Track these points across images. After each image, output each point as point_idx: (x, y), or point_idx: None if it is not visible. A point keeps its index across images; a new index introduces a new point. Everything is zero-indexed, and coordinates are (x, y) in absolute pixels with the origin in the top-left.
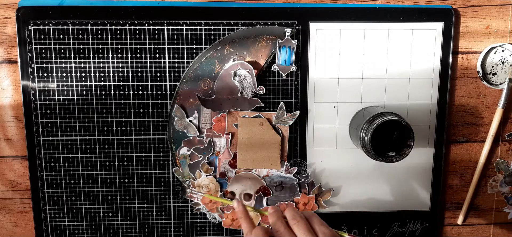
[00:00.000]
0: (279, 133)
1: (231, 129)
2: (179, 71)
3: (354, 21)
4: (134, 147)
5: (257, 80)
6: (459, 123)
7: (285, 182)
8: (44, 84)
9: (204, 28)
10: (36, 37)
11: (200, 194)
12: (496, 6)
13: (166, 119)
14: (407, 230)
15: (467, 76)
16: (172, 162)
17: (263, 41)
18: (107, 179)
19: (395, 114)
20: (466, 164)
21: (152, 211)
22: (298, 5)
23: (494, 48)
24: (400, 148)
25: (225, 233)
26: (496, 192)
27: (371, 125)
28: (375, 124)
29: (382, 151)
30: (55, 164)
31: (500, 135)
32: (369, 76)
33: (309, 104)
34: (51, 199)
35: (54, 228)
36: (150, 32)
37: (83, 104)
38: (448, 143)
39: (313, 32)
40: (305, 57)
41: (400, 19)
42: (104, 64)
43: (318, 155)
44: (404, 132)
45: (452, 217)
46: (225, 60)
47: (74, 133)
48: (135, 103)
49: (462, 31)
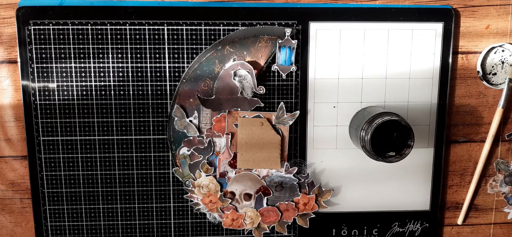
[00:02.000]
0: (279, 133)
1: (231, 129)
2: (179, 71)
3: (354, 21)
4: (134, 147)
5: (257, 80)
6: (459, 123)
7: (285, 182)
8: (44, 84)
9: (204, 28)
10: (36, 37)
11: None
12: (496, 6)
13: (166, 119)
14: (407, 230)
15: (467, 76)
16: (172, 162)
17: (263, 41)
18: (107, 179)
19: (395, 114)
20: (466, 164)
21: (152, 211)
22: (298, 5)
23: (494, 48)
24: (400, 148)
25: (225, 233)
26: (496, 192)
27: (371, 125)
28: (375, 124)
29: (382, 151)
30: (55, 164)
31: (500, 135)
32: (369, 76)
33: (309, 104)
34: (51, 199)
35: (54, 228)
36: (150, 32)
37: (83, 104)
38: (448, 143)
39: (313, 32)
40: (305, 57)
41: (400, 19)
42: (104, 64)
43: (318, 155)
44: (404, 132)
45: (452, 217)
46: (225, 60)
47: (74, 133)
48: (135, 103)
49: (462, 31)
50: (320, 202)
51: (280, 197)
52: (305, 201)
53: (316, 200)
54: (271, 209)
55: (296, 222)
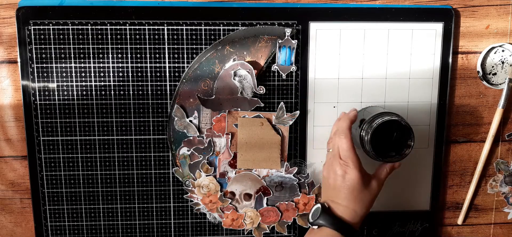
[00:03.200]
0: (279, 133)
1: (231, 129)
2: (179, 71)
3: (354, 21)
4: (134, 147)
5: (257, 80)
6: (459, 123)
7: (285, 182)
8: (44, 84)
9: (204, 28)
10: (36, 37)
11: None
12: (496, 6)
13: (166, 119)
14: (407, 230)
15: (467, 76)
16: (172, 162)
17: (263, 41)
18: (107, 179)
19: (395, 114)
20: (466, 164)
21: (152, 211)
22: (298, 5)
23: (494, 48)
24: (400, 148)
25: (225, 233)
26: (496, 192)
27: (371, 125)
28: (375, 124)
29: (382, 151)
30: (55, 164)
31: (500, 135)
32: (369, 76)
33: (309, 104)
34: (51, 199)
35: (54, 228)
36: (150, 32)
37: (83, 104)
38: (448, 143)
39: (313, 32)
40: (305, 57)
41: (400, 19)
42: (104, 64)
43: (318, 155)
44: (404, 132)
45: (452, 217)
46: (225, 60)
47: (74, 133)
48: (135, 103)
49: (462, 31)
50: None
51: (280, 197)
52: (305, 201)
53: (316, 200)
54: (271, 209)
55: (296, 222)
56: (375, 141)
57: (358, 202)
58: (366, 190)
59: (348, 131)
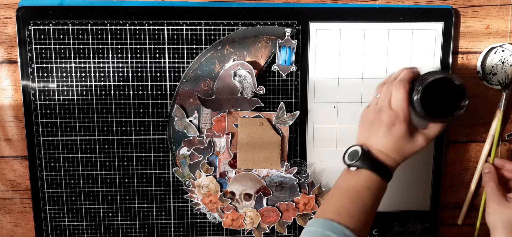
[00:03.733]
0: (279, 133)
1: (231, 129)
2: (179, 71)
3: (354, 21)
4: (134, 147)
5: (257, 80)
6: (459, 123)
7: (285, 182)
8: (44, 84)
9: (204, 28)
10: (36, 37)
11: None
12: (496, 6)
13: (166, 119)
14: (407, 230)
15: (467, 76)
16: (172, 162)
17: (263, 41)
18: (107, 179)
19: (446, 72)
20: (466, 164)
21: (152, 211)
22: (298, 5)
23: (494, 48)
24: (452, 110)
25: (225, 233)
26: None
27: (422, 82)
28: (428, 81)
29: (433, 111)
30: (55, 164)
31: (500, 135)
32: (369, 76)
33: (309, 104)
34: (51, 199)
35: (54, 228)
36: (150, 32)
37: (83, 104)
38: (448, 143)
39: (313, 32)
40: (305, 57)
41: (400, 19)
42: (104, 64)
43: (318, 155)
44: (457, 92)
45: (452, 217)
46: (225, 60)
47: (74, 133)
48: (135, 103)
49: (462, 31)
50: (320, 202)
51: (280, 197)
52: (305, 201)
53: (316, 200)
54: (271, 209)
55: (296, 222)
56: (425, 100)
57: (399, 152)
58: (410, 143)
59: (407, 84)
